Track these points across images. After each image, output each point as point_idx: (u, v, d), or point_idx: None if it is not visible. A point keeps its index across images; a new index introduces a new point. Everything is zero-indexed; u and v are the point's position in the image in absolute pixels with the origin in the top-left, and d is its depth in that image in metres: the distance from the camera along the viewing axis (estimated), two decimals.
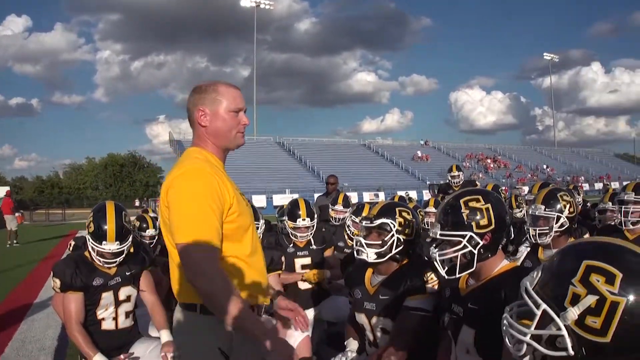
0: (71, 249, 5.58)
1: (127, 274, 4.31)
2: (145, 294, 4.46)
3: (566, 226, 4.26)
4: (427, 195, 40.16)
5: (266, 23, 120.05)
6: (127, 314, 4.35)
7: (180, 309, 2.75)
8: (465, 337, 2.76)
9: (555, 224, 4.21)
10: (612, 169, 78.87)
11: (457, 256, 2.74)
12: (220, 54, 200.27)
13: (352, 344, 3.70)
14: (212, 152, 2.82)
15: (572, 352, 1.49)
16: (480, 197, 2.80)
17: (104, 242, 4.05)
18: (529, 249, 4.74)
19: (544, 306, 1.56)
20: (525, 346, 1.60)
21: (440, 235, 2.78)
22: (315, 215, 5.76)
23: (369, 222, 3.51)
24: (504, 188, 30.32)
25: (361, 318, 3.59)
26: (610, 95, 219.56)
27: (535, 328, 1.57)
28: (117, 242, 4.09)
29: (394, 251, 3.45)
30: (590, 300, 1.47)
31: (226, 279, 2.53)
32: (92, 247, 4.09)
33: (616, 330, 1.44)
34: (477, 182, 12.02)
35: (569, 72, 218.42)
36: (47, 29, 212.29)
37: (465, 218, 2.75)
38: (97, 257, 4.11)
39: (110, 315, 4.25)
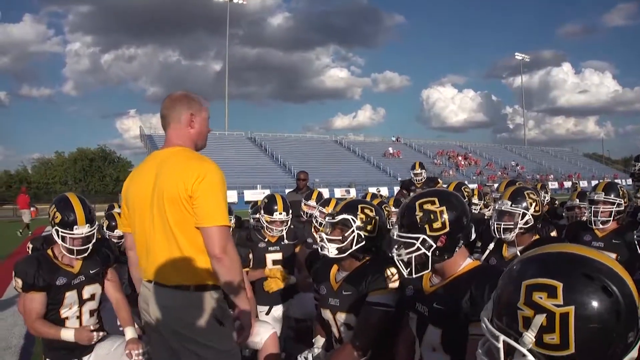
0: (30, 252, 5.50)
1: (90, 272, 4.26)
2: (110, 291, 4.43)
3: (530, 224, 4.31)
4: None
5: (239, 17, 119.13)
6: (91, 313, 4.29)
7: (169, 292, 3.13)
8: (432, 337, 2.76)
9: (521, 220, 4.25)
10: (581, 168, 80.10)
11: (411, 257, 2.74)
12: (192, 47, 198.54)
13: (319, 341, 3.75)
14: (194, 151, 3.34)
15: None
16: (436, 200, 2.77)
17: (75, 227, 4.03)
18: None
19: (502, 337, 1.54)
20: None
21: (397, 236, 2.79)
22: (290, 211, 5.79)
23: (331, 218, 3.55)
24: (477, 185, 30.51)
25: (326, 314, 3.61)
26: (580, 95, 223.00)
27: (504, 359, 1.55)
28: (88, 225, 4.10)
29: (354, 247, 3.47)
30: (540, 319, 1.47)
31: (239, 259, 3.14)
32: (62, 237, 4.03)
33: (576, 339, 1.44)
34: (439, 179, 12.05)
35: (540, 72, 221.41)
36: (15, 19, 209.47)
37: (418, 220, 2.74)
38: (68, 247, 4.04)
39: (74, 314, 4.18)
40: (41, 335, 4.13)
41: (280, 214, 5.67)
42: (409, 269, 2.77)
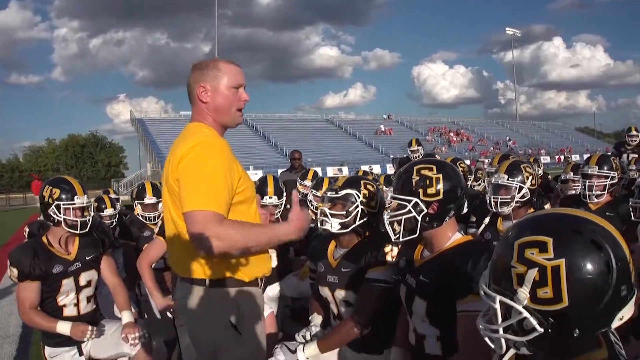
0: (27, 236, 5.49)
1: (87, 258, 4.25)
2: (107, 276, 4.42)
3: (527, 197, 4.32)
4: (390, 169, 40.31)
5: None
6: (88, 299, 4.29)
7: (185, 285, 2.83)
8: (418, 309, 2.80)
9: (517, 194, 4.26)
10: (573, 142, 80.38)
11: (401, 220, 2.78)
12: (181, 29, 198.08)
13: (316, 319, 3.75)
14: (212, 127, 2.89)
15: (541, 329, 1.52)
16: (433, 167, 2.81)
17: (76, 197, 4.06)
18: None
19: (498, 298, 1.58)
20: (503, 342, 1.62)
21: (391, 197, 2.85)
22: (284, 194, 5.70)
23: (334, 192, 3.52)
24: (469, 161, 30.59)
25: (324, 291, 3.61)
26: (571, 69, 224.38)
27: (502, 321, 1.59)
28: (85, 196, 4.12)
29: (357, 222, 3.46)
30: (533, 274, 1.51)
31: (237, 225, 2.64)
32: (64, 211, 4.03)
33: (568, 292, 1.48)
34: (437, 156, 12.09)
35: (531, 47, 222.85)
36: (1, 6, 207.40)
37: (413, 184, 2.78)
38: (72, 220, 4.04)
39: (72, 301, 4.17)
40: (35, 326, 4.13)
41: (271, 198, 5.40)
42: (397, 233, 2.83)
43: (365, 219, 3.49)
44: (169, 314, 4.49)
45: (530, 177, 4.39)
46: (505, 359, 1.70)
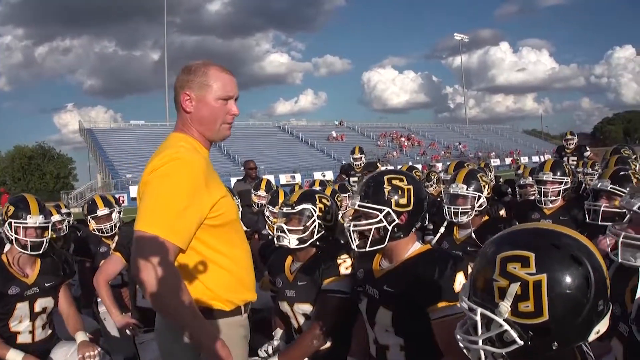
0: None
1: (46, 284, 4.10)
2: (63, 307, 4.30)
3: (485, 206, 4.37)
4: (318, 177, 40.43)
5: (176, 4, 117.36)
6: (43, 326, 4.15)
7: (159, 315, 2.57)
8: (383, 319, 2.81)
9: (476, 202, 4.30)
10: (522, 145, 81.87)
11: (370, 229, 2.77)
12: (129, 37, 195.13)
13: (279, 333, 3.75)
14: (197, 139, 2.61)
15: (520, 342, 1.56)
16: (403, 178, 2.84)
17: (28, 217, 3.90)
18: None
19: (479, 310, 1.62)
20: (482, 353, 1.65)
21: (359, 206, 2.81)
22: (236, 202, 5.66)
23: (289, 208, 3.51)
24: (421, 166, 30.92)
25: (284, 306, 3.61)
26: (518, 73, 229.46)
27: (482, 333, 1.62)
28: (42, 216, 3.96)
29: (315, 237, 3.48)
30: (515, 288, 1.55)
31: (179, 281, 2.29)
32: (15, 230, 3.88)
33: (549, 305, 1.52)
34: (378, 164, 12.19)
35: (479, 52, 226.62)
36: None
37: (386, 194, 2.78)
38: (22, 241, 3.88)
39: (27, 328, 4.02)
40: None
41: None
42: (360, 242, 2.83)
43: (322, 233, 3.50)
44: (128, 332, 4.41)
45: (487, 186, 4.47)
46: None
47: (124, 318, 4.45)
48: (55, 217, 6.18)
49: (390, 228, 2.76)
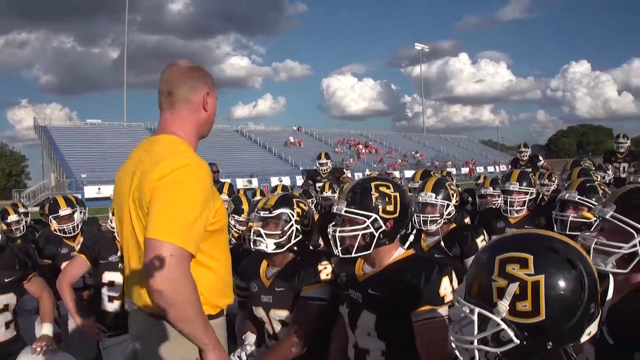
0: None
1: (5, 280, 3.96)
2: (33, 291, 4.19)
3: (453, 214, 4.41)
4: (300, 181, 40.45)
5: (137, 2, 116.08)
6: (7, 325, 4.02)
7: (146, 321, 2.46)
8: (366, 322, 2.84)
9: (445, 211, 4.33)
10: (478, 155, 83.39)
11: (357, 235, 2.80)
12: (88, 33, 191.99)
13: (250, 337, 3.66)
14: (191, 144, 2.59)
15: (517, 341, 1.61)
16: (390, 185, 2.89)
17: None
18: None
19: (477, 309, 1.66)
20: (477, 353, 1.68)
21: (346, 212, 2.83)
22: None
23: (267, 212, 3.46)
24: (377, 173, 31.12)
25: (259, 311, 3.55)
26: (476, 84, 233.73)
27: (478, 332, 1.66)
28: None
29: (293, 241, 3.44)
30: (514, 288, 1.61)
31: (196, 290, 2.28)
32: None
33: (546, 305, 1.58)
34: (344, 170, 12.25)
35: (438, 62, 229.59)
36: None
37: (373, 200, 2.81)
38: None
39: None
40: None
41: None
42: (343, 248, 2.86)
43: (299, 238, 3.48)
44: (90, 336, 4.31)
45: (455, 194, 4.52)
46: None
47: (88, 322, 4.35)
48: (13, 217, 6.05)
49: (376, 234, 2.79)
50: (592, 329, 1.66)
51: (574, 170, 6.16)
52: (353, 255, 2.84)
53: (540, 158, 12.14)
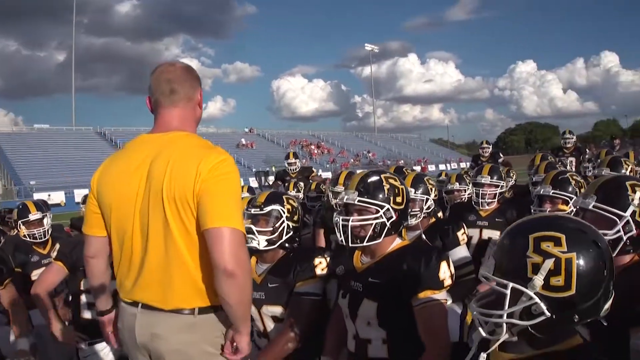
0: None
1: None
2: (5, 301, 4.09)
3: (432, 208, 4.49)
4: (253, 182, 40.25)
5: (84, 4, 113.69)
6: None
7: (167, 318, 2.53)
8: (367, 311, 2.91)
9: (424, 205, 4.41)
10: (429, 153, 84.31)
11: (370, 225, 2.90)
12: (33, 36, 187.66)
13: None
14: None
15: (548, 314, 1.71)
16: (397, 178, 3.04)
17: None
18: None
19: (511, 284, 1.74)
20: (504, 327, 1.77)
21: (360, 201, 2.91)
22: None
23: (258, 209, 3.49)
24: (330, 173, 31.18)
25: None
26: (425, 84, 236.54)
27: (508, 307, 1.74)
28: None
29: (284, 238, 3.49)
30: (549, 264, 1.71)
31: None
32: None
33: (577, 281, 1.69)
34: (313, 169, 12.35)
35: (387, 62, 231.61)
36: None
37: (385, 191, 2.93)
38: None
39: None
40: None
41: None
42: (352, 237, 2.93)
43: (290, 234, 3.53)
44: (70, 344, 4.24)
45: (433, 188, 4.59)
46: (497, 344, 1.83)
47: (67, 331, 4.28)
48: None
49: (388, 224, 2.90)
50: (608, 305, 1.77)
51: (541, 164, 6.33)
52: (364, 244, 2.92)
53: (501, 155, 12.47)
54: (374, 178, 2.97)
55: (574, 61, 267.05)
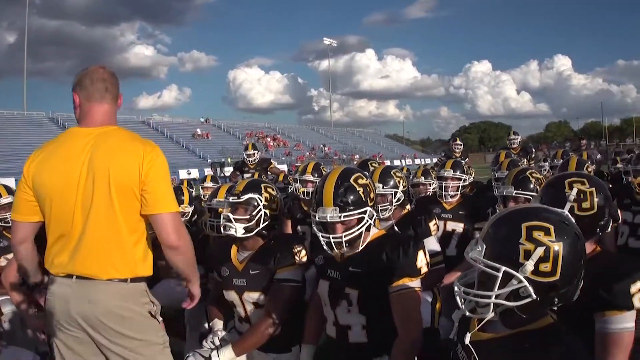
0: None
1: None
2: None
3: (402, 199, 4.60)
4: (209, 172, 40.09)
5: None
6: None
7: (103, 286, 2.89)
8: (348, 299, 3.04)
9: (394, 198, 4.52)
10: (384, 149, 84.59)
11: (361, 233, 3.01)
12: None
13: (218, 324, 3.76)
14: None
15: (535, 296, 1.89)
16: (361, 175, 3.10)
17: None
18: None
19: (503, 268, 1.90)
20: (491, 307, 1.95)
21: (344, 217, 2.97)
22: None
23: (235, 197, 3.56)
24: (286, 166, 31.25)
25: (231, 295, 3.64)
26: (381, 80, 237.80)
27: (498, 288, 1.91)
28: None
29: (261, 226, 3.55)
30: (540, 251, 1.89)
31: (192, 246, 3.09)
32: None
33: (562, 267, 1.89)
34: (272, 160, 12.44)
35: (345, 57, 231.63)
36: None
37: (362, 195, 3.02)
38: None
39: None
40: None
41: None
42: (347, 247, 3.02)
43: (268, 222, 3.59)
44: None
45: (401, 180, 4.61)
46: (483, 322, 2.03)
47: (40, 320, 4.26)
48: None
49: (371, 222, 3.04)
50: (579, 291, 1.99)
51: (504, 162, 6.54)
52: (359, 249, 3.04)
53: (533, 150, 12.96)
54: (347, 186, 3.01)
55: (528, 63, 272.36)
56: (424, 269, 2.97)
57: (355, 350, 3.09)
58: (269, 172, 11.17)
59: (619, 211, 4.68)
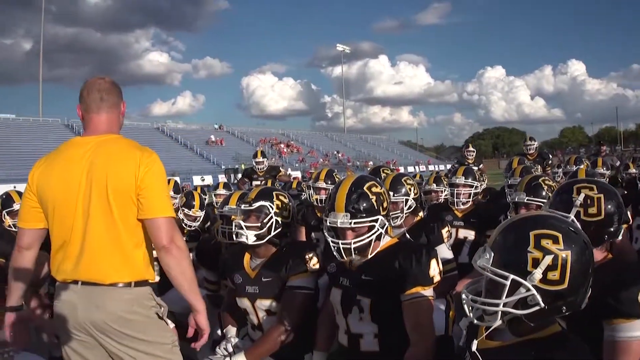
0: None
1: None
2: None
3: (414, 207, 4.59)
4: (222, 179, 40.16)
5: None
6: None
7: (109, 291, 2.92)
8: (360, 307, 3.03)
9: (405, 206, 4.52)
10: (398, 155, 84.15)
11: (371, 240, 3.00)
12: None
13: (232, 331, 3.77)
14: None
15: (542, 305, 1.89)
16: (375, 183, 3.08)
17: None
18: None
19: (512, 276, 1.89)
20: (499, 314, 1.94)
21: (355, 223, 2.96)
22: None
23: (247, 205, 3.57)
24: (300, 173, 31.21)
25: (243, 302, 3.65)
26: (395, 86, 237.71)
27: (506, 297, 1.91)
28: None
29: (272, 233, 3.55)
30: (548, 259, 1.88)
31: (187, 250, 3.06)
32: None
33: (570, 276, 1.88)
34: (281, 168, 12.44)
35: (358, 63, 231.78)
36: None
37: (374, 203, 3.01)
38: None
39: None
40: None
41: None
42: (356, 254, 3.02)
43: (279, 230, 3.59)
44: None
45: (413, 188, 4.60)
46: (490, 329, 2.01)
47: (48, 321, 4.28)
48: None
49: (382, 231, 3.03)
50: (587, 299, 1.98)
51: (517, 169, 6.46)
52: (370, 256, 3.05)
53: (550, 155, 12.89)
54: (359, 193, 3.00)
55: (542, 68, 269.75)
56: (437, 278, 2.97)
57: (367, 359, 3.08)
58: (277, 180, 11.16)
59: (629, 216, 4.66)
